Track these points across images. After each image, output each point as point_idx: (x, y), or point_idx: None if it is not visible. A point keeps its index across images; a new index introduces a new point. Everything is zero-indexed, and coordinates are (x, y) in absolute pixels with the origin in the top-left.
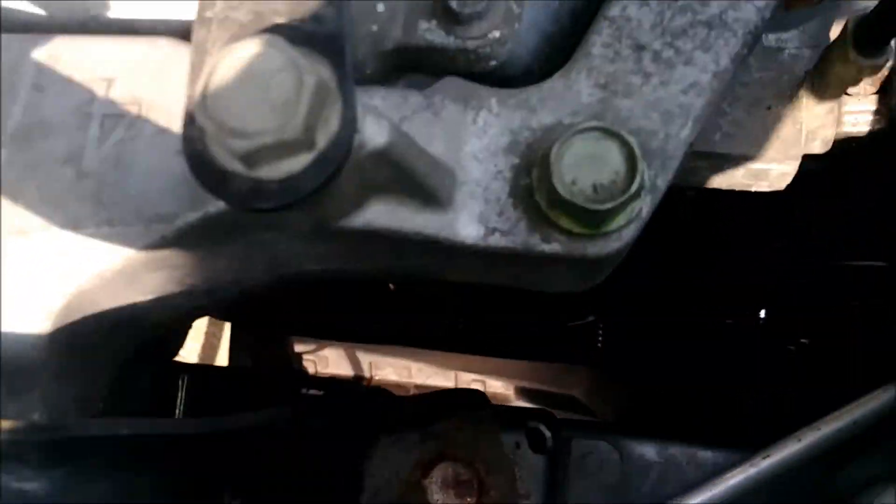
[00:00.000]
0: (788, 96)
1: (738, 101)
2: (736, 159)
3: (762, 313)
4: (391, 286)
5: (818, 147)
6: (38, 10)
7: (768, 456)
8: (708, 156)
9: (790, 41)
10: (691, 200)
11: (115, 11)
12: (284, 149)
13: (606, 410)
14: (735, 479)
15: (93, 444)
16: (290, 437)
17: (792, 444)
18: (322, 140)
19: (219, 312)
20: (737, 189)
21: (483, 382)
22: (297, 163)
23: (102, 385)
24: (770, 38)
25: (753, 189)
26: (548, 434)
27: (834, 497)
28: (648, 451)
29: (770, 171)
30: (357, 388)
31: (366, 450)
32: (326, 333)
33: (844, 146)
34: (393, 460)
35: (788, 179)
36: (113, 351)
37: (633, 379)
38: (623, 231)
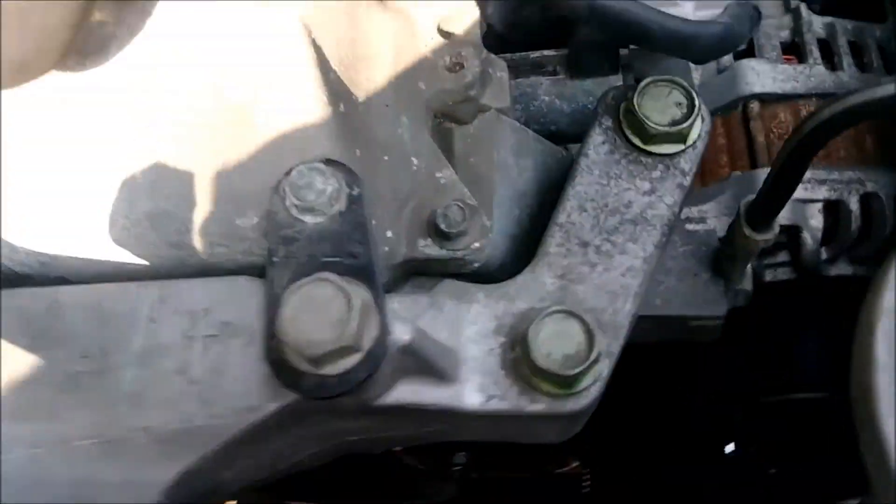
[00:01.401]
0: (708, 263)
1: (669, 272)
2: (676, 319)
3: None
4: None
5: (741, 301)
6: (142, 261)
7: None
8: (653, 319)
9: (709, 212)
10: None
11: (193, 255)
12: (341, 352)
13: None
14: None
15: None
16: None
17: None
18: (367, 343)
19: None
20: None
21: None
22: (350, 361)
23: None
24: (693, 210)
25: (696, 339)
26: None
27: None
28: None
29: (705, 325)
30: None
31: None
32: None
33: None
34: None
35: (720, 329)
36: None
37: None
38: (591, 389)
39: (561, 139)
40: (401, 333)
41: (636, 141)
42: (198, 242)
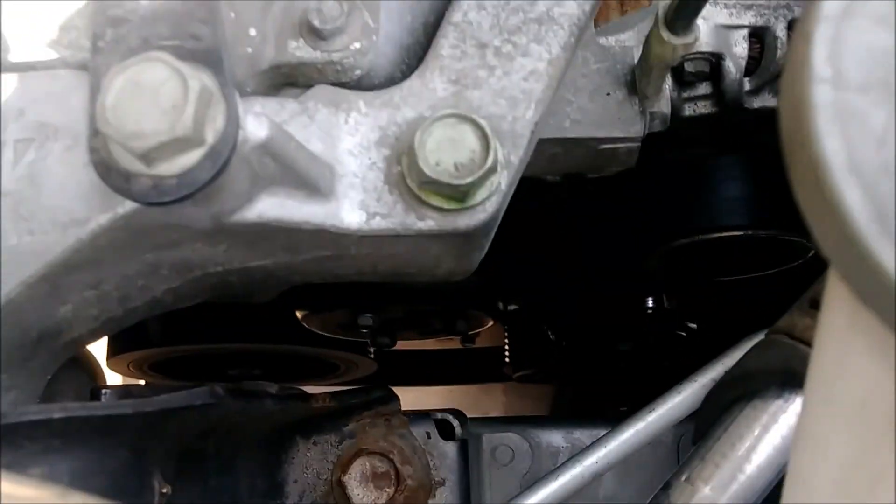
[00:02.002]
0: (624, 82)
1: (580, 90)
2: (586, 142)
3: (649, 302)
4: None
5: (658, 125)
6: None
7: (653, 410)
8: (562, 142)
9: (628, 41)
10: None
11: (17, 55)
12: (177, 146)
13: None
14: (624, 434)
15: (28, 429)
16: (211, 419)
17: (673, 397)
18: (210, 136)
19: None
20: (595, 173)
21: None
22: (190, 158)
23: (31, 403)
24: (610, 40)
25: (610, 171)
26: (456, 423)
27: None
28: (556, 437)
29: (618, 150)
30: (270, 387)
31: (282, 453)
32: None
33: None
34: (314, 463)
35: (635, 156)
36: (39, 367)
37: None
38: (486, 203)
39: None
40: (255, 129)
41: None
42: (12, 36)
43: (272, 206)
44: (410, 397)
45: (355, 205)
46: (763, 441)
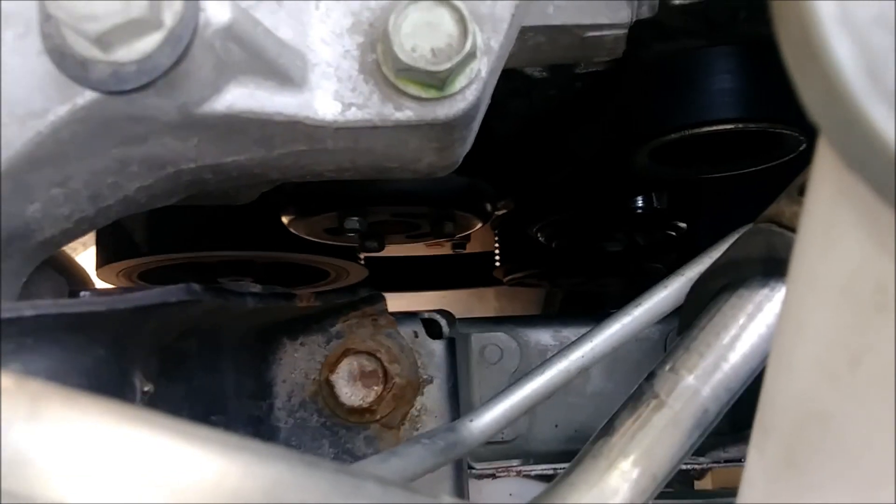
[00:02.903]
0: None
1: None
2: (571, 30)
3: (639, 201)
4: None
5: (646, 11)
6: None
7: (639, 304)
8: (546, 30)
9: None
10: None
11: None
12: (134, 28)
13: None
14: (611, 328)
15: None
16: (190, 318)
17: (660, 291)
18: (169, 19)
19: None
20: (582, 66)
21: None
22: (149, 42)
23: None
24: None
25: (597, 61)
26: (443, 322)
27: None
28: (544, 336)
29: (604, 38)
30: (253, 287)
31: (269, 354)
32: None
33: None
34: (301, 364)
35: (623, 44)
36: (12, 270)
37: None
38: (466, 91)
39: None
40: (217, 12)
41: None
42: None
43: (242, 97)
44: (402, 304)
45: (329, 95)
46: (747, 330)
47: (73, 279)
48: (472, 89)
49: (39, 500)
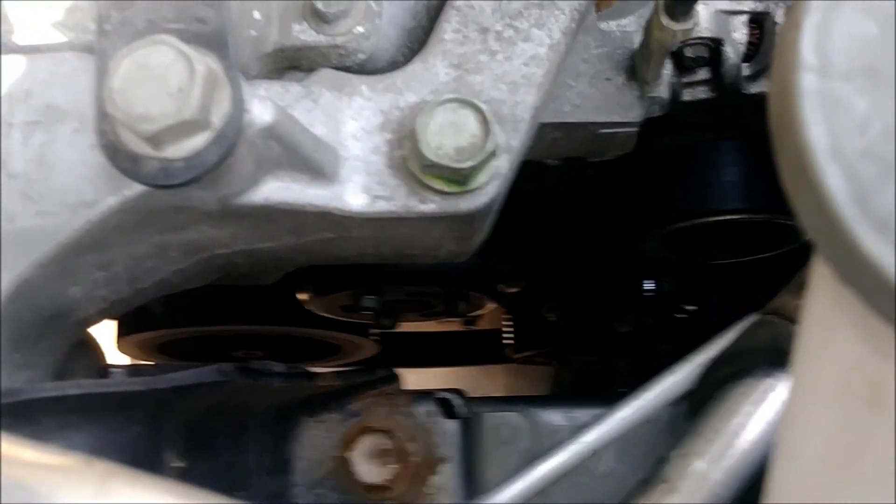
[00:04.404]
0: (623, 67)
1: (581, 75)
2: (586, 126)
3: (648, 284)
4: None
5: (657, 110)
6: None
7: (649, 389)
8: (562, 126)
9: (628, 26)
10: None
11: (22, 37)
12: (184, 129)
13: None
14: (622, 412)
15: (45, 405)
16: (219, 397)
17: (670, 377)
18: (217, 120)
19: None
20: (594, 158)
21: None
22: (197, 141)
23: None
24: (610, 25)
25: (609, 156)
26: (457, 401)
27: None
28: (556, 417)
29: (616, 134)
30: (277, 366)
31: (288, 431)
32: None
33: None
34: (319, 441)
35: (634, 140)
36: (51, 347)
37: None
38: (487, 187)
39: None
40: (260, 113)
41: None
42: (17, 18)
43: (277, 189)
44: (412, 380)
45: (358, 188)
46: (754, 417)
47: (92, 353)
48: (492, 185)
49: None
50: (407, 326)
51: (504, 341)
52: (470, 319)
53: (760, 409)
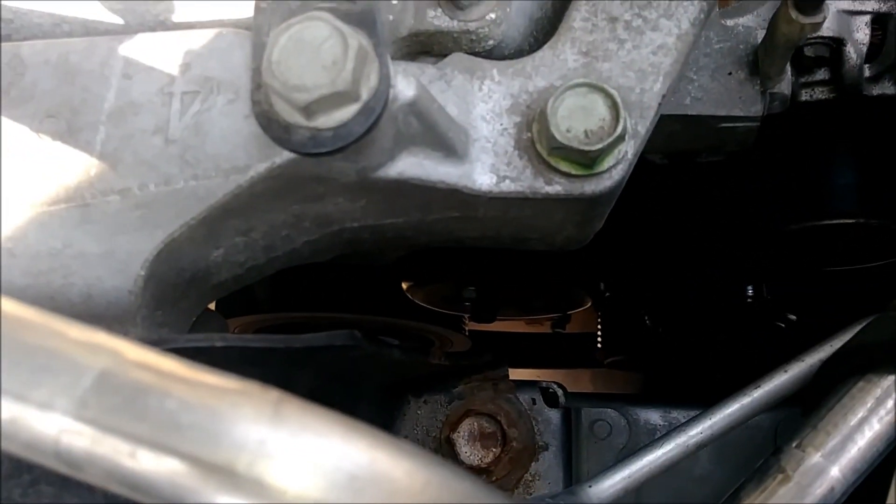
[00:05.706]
0: (746, 62)
1: (702, 69)
2: (706, 120)
3: (749, 290)
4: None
5: (777, 106)
6: (117, 19)
7: (759, 386)
8: (682, 119)
9: (749, 22)
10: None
11: (179, 15)
12: (336, 100)
13: None
14: (726, 409)
15: (190, 355)
16: (344, 362)
17: (780, 375)
18: (365, 93)
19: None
20: (712, 154)
21: None
22: (346, 112)
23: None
24: (733, 21)
25: (726, 150)
26: (560, 392)
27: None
28: (653, 416)
29: (736, 129)
30: (392, 341)
31: (395, 410)
32: None
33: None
34: (423, 421)
35: (753, 136)
36: (187, 308)
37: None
38: (613, 171)
39: None
40: (404, 88)
41: None
42: None
43: (412, 165)
44: None
45: (487, 168)
46: (876, 413)
47: (219, 322)
48: (618, 169)
49: (276, 491)
50: (498, 325)
51: (593, 345)
52: (560, 321)
53: (884, 406)
